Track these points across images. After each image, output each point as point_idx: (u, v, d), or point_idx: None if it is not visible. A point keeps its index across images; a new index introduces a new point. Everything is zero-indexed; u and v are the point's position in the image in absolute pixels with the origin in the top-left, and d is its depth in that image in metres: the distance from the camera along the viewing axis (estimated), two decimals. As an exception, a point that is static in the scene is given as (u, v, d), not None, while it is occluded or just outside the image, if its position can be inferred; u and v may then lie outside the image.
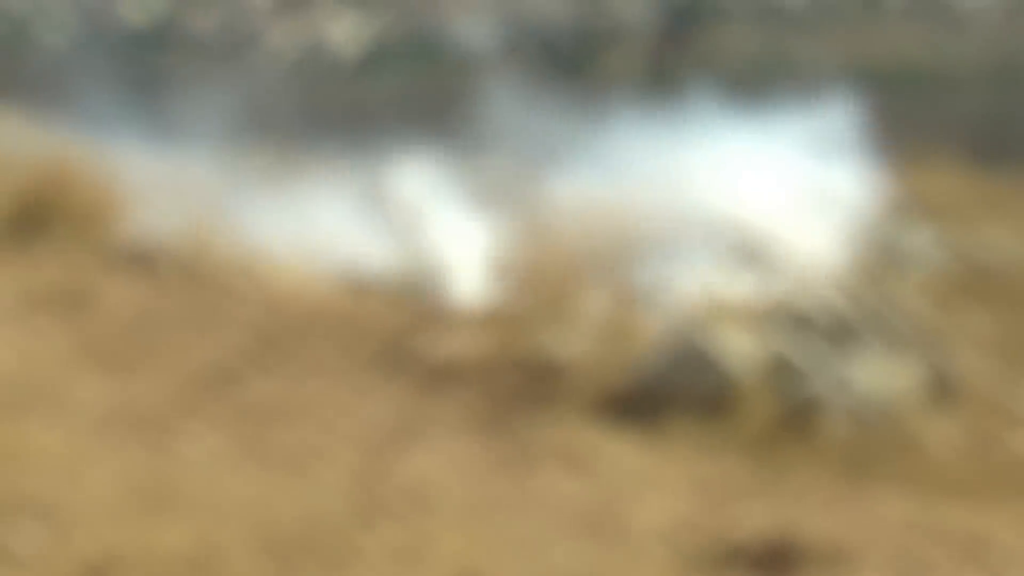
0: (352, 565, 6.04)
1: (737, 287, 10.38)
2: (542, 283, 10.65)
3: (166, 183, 14.41)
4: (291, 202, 15.32)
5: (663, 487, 7.17)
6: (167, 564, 6.11)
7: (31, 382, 9.15)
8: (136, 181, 14.84)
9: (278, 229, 14.09)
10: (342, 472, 7.45)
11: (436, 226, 15.42)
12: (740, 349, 8.27)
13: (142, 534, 6.50)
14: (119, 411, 8.57)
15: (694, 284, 10.46)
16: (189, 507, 6.90)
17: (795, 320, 9.13)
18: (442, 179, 16.09)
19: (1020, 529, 6.62)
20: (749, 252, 14.28)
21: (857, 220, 18.78)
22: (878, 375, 7.97)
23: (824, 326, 9.01)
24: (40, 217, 13.58)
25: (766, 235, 15.80)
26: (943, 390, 8.17)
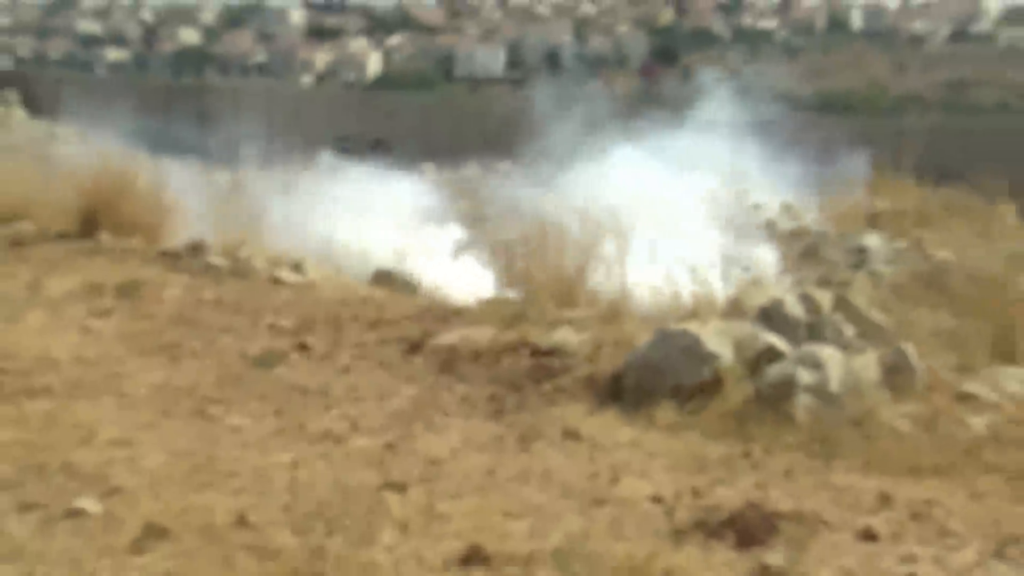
0: (381, 527, 6.07)
1: (713, 289, 10.41)
2: (545, 280, 10.66)
3: (210, 190, 14.42)
4: (320, 206, 15.37)
5: (651, 462, 7.18)
6: (214, 525, 6.14)
7: (91, 364, 9.18)
8: (182, 188, 14.86)
9: (308, 230, 14.12)
10: (371, 445, 7.48)
11: (442, 227, 15.48)
12: (719, 341, 8.28)
13: (191, 499, 6.54)
14: (170, 390, 8.61)
15: (675, 284, 10.49)
16: (233, 475, 6.93)
17: (766, 316, 9.15)
18: (440, 183, 16.15)
19: (966, 498, 6.64)
20: (723, 256, 14.31)
21: (815, 228, 18.80)
22: (842, 364, 7.98)
23: (789, 323, 9.03)
24: (100, 221, 13.60)
25: (730, 242, 15.83)
26: (901, 377, 8.18)
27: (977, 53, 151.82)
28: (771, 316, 9.09)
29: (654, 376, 8.20)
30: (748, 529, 6.07)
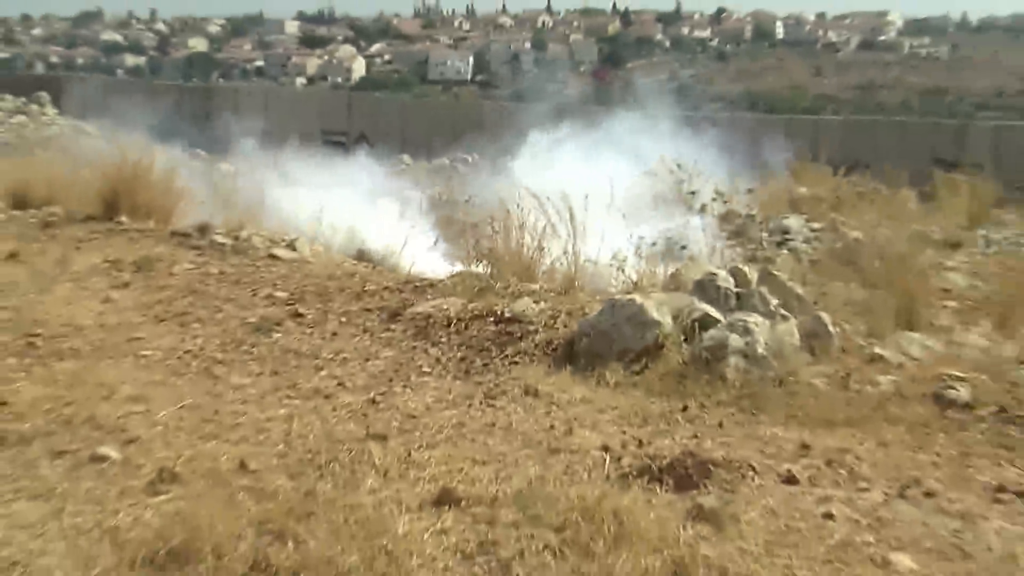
0: (365, 473, 6.06)
1: (653, 266, 10.43)
2: (507, 257, 10.65)
3: (215, 178, 14.39)
4: (310, 191, 15.30)
5: (600, 416, 7.19)
6: (219, 470, 6.14)
7: (112, 330, 9.16)
8: (191, 176, 14.82)
9: (301, 213, 14.05)
10: (356, 401, 7.47)
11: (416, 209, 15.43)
12: (660, 310, 8.29)
13: (198, 447, 6.55)
14: (180, 352, 8.59)
15: (622, 262, 10.50)
16: (235, 427, 6.94)
17: (701, 288, 9.16)
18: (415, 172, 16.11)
19: (874, 447, 6.67)
20: (663, 237, 14.30)
21: (744, 211, 18.79)
22: (767, 331, 8.00)
23: (721, 294, 9.04)
24: (119, 205, 13.57)
25: (669, 224, 15.80)
26: (818, 342, 8.20)
27: (883, 60, 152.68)
28: (705, 288, 9.11)
29: (603, 341, 8.21)
30: (686, 474, 6.08)
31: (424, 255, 13.29)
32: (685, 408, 7.34)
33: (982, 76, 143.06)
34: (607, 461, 6.35)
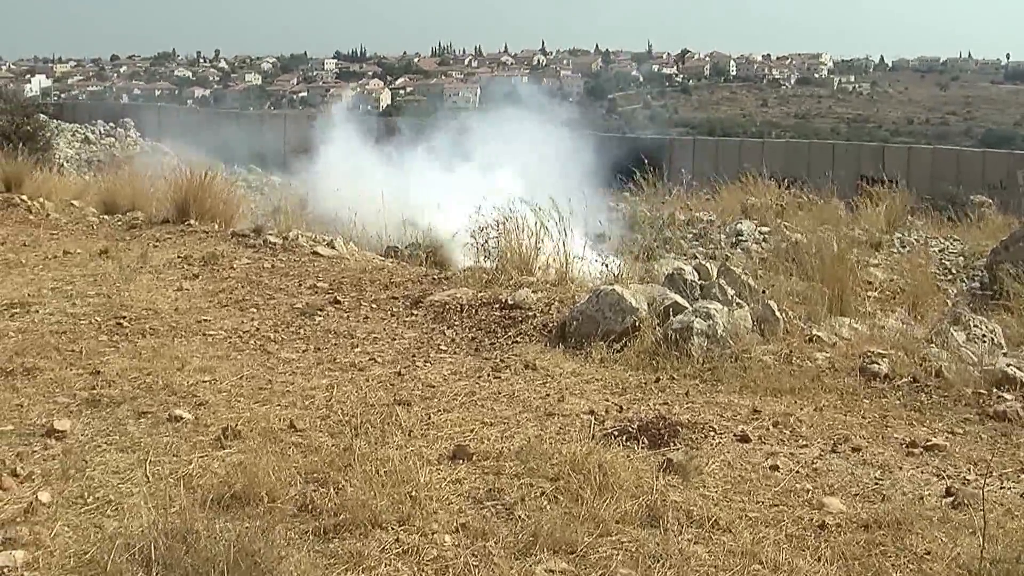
0: (392, 432, 6.06)
1: (627, 264, 10.46)
2: (510, 254, 10.64)
3: (267, 188, 14.39)
4: (347, 200, 15.25)
5: (587, 387, 7.20)
6: (272, 429, 6.14)
7: (184, 313, 9.16)
8: (247, 188, 14.81)
9: (339, 217, 14.02)
10: (385, 373, 7.47)
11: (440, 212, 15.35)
12: (637, 299, 8.29)
13: (255, 410, 6.56)
14: (239, 332, 8.60)
15: (606, 259, 10.52)
16: (285, 394, 6.94)
17: (671, 280, 9.17)
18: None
19: (812, 411, 6.68)
20: (637, 239, 14.30)
21: (704, 217, 18.78)
22: (726, 316, 7.99)
23: (688, 286, 9.05)
24: (189, 211, 13.57)
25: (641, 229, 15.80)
26: (767, 325, 8.20)
27: (817, 93, 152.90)
28: (675, 281, 9.16)
29: (590, 324, 8.20)
30: (658, 434, 6.09)
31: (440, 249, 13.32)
32: (657, 380, 7.34)
33: (896, 108, 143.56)
34: (593, 423, 6.36)
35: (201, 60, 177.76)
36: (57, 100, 74.82)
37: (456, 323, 8.93)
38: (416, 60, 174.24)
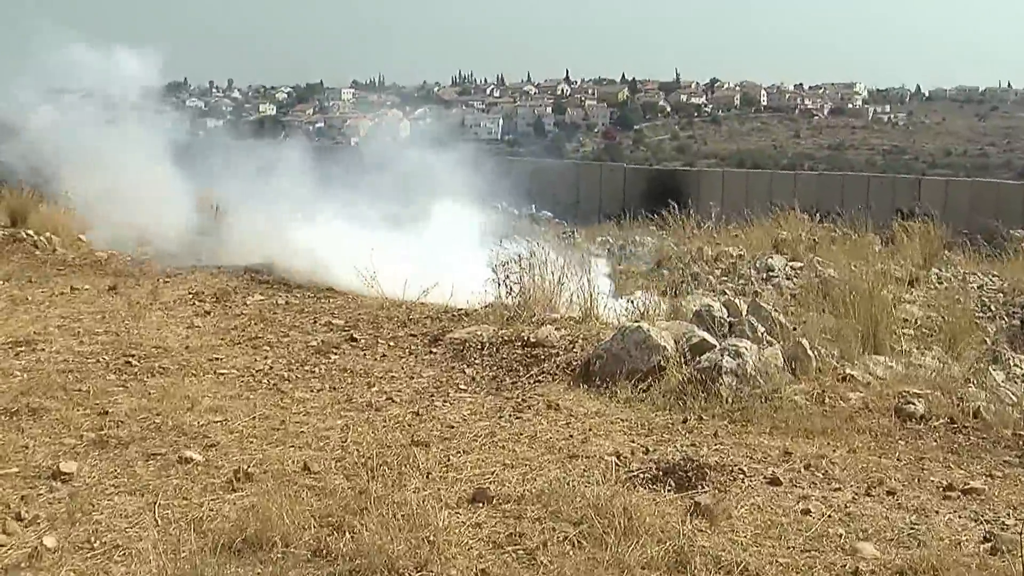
0: (410, 474, 6.06)
1: (654, 300, 10.46)
2: (533, 289, 10.64)
3: (277, 225, 14.42)
4: (359, 235, 15.27)
5: (612, 427, 7.19)
6: (286, 471, 6.15)
7: (195, 351, 9.20)
8: (261, 222, 14.83)
9: (349, 254, 14.04)
10: (402, 413, 7.47)
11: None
12: (664, 336, 8.29)
13: (268, 451, 6.57)
14: (252, 371, 8.62)
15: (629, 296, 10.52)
16: (299, 435, 6.96)
17: (699, 317, 9.17)
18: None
19: (845, 453, 6.66)
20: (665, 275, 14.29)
21: (734, 252, 18.76)
22: (756, 354, 7.98)
23: (716, 323, 9.05)
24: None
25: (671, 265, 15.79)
26: (798, 363, 8.18)
27: (851, 124, 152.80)
28: (703, 317, 9.16)
29: (615, 363, 8.19)
30: (685, 476, 6.08)
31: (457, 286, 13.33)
32: (685, 420, 7.33)
33: (933, 139, 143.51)
34: (618, 465, 6.35)
35: (214, 90, 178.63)
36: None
37: (476, 361, 8.93)
38: (436, 89, 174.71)
